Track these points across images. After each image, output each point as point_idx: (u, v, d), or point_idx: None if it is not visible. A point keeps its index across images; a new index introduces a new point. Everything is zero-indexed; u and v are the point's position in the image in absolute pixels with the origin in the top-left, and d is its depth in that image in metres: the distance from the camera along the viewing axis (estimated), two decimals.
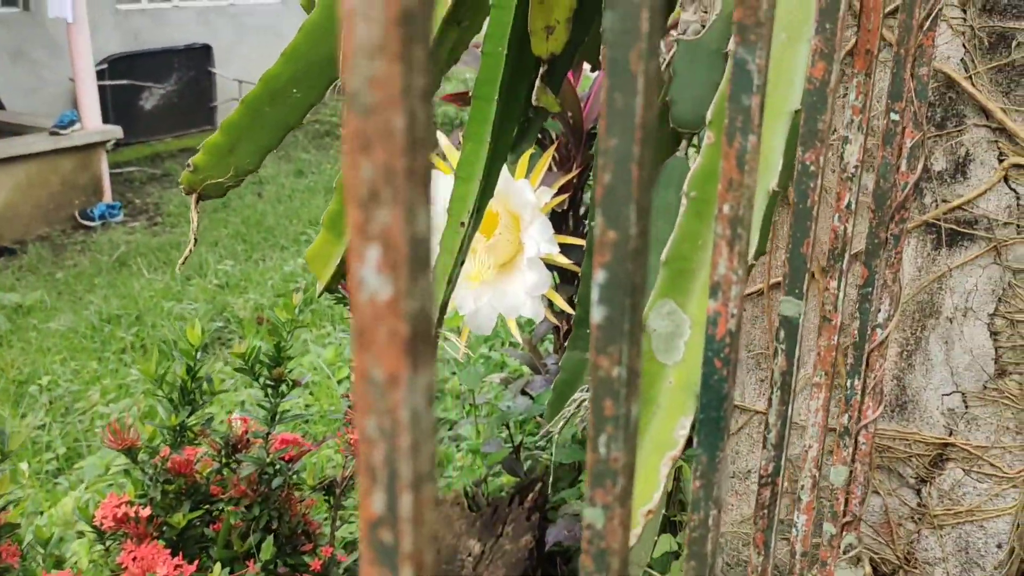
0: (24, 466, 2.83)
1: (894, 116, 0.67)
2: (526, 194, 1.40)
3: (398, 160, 0.17)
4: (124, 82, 7.62)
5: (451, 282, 1.24)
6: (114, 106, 7.32)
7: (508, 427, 2.31)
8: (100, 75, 6.99)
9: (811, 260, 0.50)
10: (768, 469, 0.55)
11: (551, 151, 1.44)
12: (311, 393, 3.32)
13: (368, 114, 0.17)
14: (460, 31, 0.86)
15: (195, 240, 0.95)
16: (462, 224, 1.22)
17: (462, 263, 1.25)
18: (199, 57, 8.23)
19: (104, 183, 6.13)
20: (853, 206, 0.60)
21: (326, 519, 1.73)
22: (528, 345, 2.34)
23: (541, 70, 1.00)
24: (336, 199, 0.92)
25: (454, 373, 3.01)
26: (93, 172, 6.09)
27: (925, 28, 0.72)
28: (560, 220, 2.07)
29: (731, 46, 0.37)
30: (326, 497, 1.63)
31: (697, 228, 0.52)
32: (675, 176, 1.01)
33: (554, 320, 2.05)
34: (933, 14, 0.71)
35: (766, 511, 0.56)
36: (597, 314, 0.30)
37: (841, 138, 0.59)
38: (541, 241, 1.38)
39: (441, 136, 1.40)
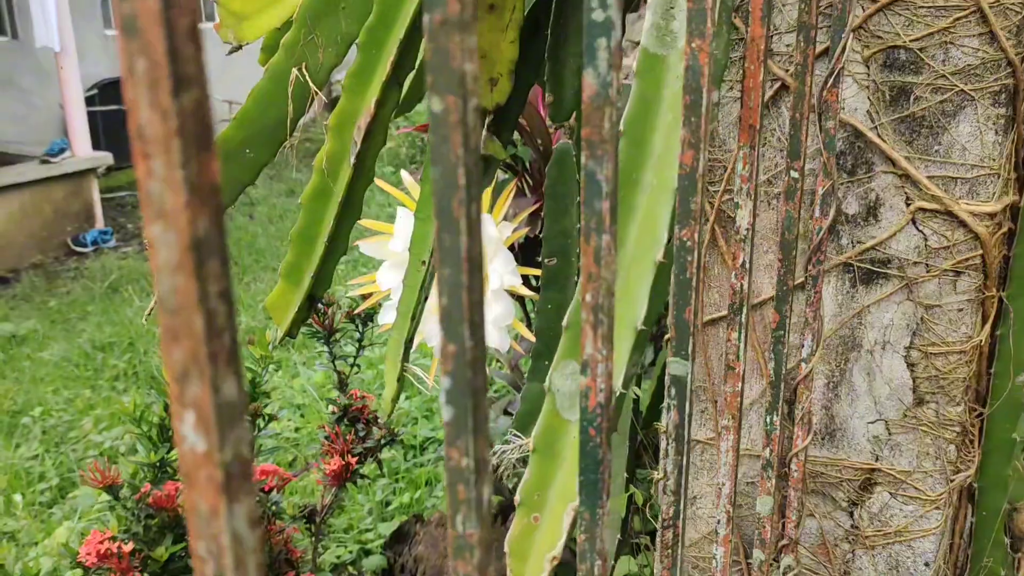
0: (18, 497, 2.87)
1: (793, 174, 0.72)
2: (489, 229, 1.45)
3: (200, 348, 0.22)
4: (114, 107, 7.68)
5: (415, 318, 1.28)
6: (105, 131, 7.38)
7: (492, 447, 2.35)
8: (90, 100, 7.05)
9: (693, 325, 0.55)
10: (669, 513, 0.60)
11: (511, 187, 1.49)
12: (302, 415, 3.37)
13: (174, 314, 0.22)
14: (400, 91, 0.91)
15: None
16: (423, 262, 1.26)
17: (426, 299, 1.29)
18: None
19: (96, 209, 6.19)
20: (748, 264, 0.65)
21: (310, 546, 1.78)
22: (509, 366, 2.38)
23: (487, 120, 1.05)
24: (292, 250, 0.97)
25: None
26: (85, 199, 6.14)
27: (829, 85, 0.77)
28: (535, 245, 2.12)
29: (583, 159, 0.42)
30: (307, 525, 1.67)
31: None
32: None
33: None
34: (835, 73, 0.76)
35: (670, 551, 0.61)
36: (446, 413, 0.35)
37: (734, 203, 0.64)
38: (504, 273, 1.42)
39: (405, 175, 1.45)
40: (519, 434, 0.74)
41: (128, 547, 1.40)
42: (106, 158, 6.33)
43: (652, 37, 0.59)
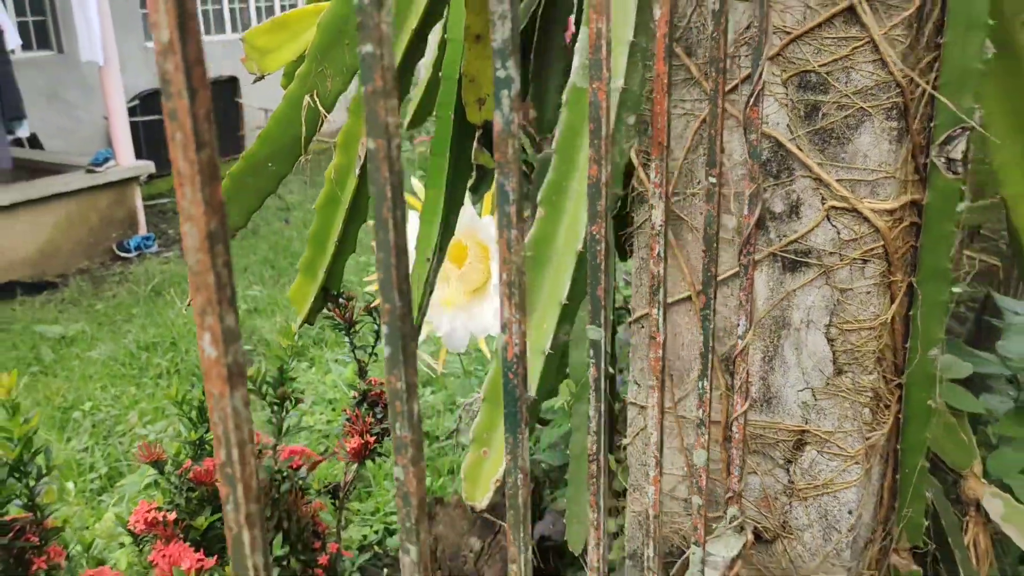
0: (71, 486, 3.08)
1: (711, 180, 0.88)
2: (491, 229, 1.61)
3: (212, 295, 0.39)
4: (155, 117, 7.95)
5: (421, 308, 1.45)
6: (146, 140, 7.65)
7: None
8: (132, 111, 7.31)
9: (604, 300, 0.71)
10: (593, 449, 0.76)
11: None
12: (333, 409, 3.55)
13: (196, 275, 0.38)
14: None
15: None
16: (427, 259, 1.43)
17: (430, 292, 1.46)
18: (226, 89, 8.54)
19: (139, 216, 6.44)
20: (663, 254, 0.80)
21: (334, 523, 1.95)
22: None
23: (477, 134, 1.21)
24: (308, 249, 1.14)
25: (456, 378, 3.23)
26: (128, 206, 6.40)
27: (751, 104, 0.92)
28: None
29: (496, 176, 0.58)
30: (332, 500, 1.85)
31: (532, 277, 0.72)
32: None
33: None
34: (755, 94, 0.91)
35: (595, 480, 0.77)
36: (385, 351, 0.51)
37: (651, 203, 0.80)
38: None
39: (414, 180, 1.61)
40: (479, 391, 0.89)
41: (172, 516, 1.58)
42: (148, 166, 6.58)
43: (579, 74, 0.75)
